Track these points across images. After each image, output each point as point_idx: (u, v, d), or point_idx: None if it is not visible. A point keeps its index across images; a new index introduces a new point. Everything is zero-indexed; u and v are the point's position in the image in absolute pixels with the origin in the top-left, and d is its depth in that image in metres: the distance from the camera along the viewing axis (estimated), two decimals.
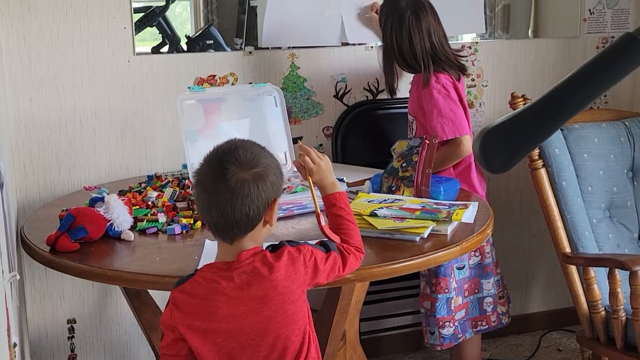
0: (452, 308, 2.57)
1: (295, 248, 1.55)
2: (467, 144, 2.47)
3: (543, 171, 2.61)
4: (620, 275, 2.36)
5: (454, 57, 2.57)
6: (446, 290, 2.55)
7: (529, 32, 3.37)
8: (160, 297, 2.46)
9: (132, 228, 1.99)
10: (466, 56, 2.77)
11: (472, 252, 2.57)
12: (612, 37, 3.17)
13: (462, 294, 2.59)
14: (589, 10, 3.14)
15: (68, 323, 2.60)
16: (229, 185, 1.46)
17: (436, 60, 2.52)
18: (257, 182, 1.48)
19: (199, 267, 1.59)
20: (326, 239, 1.65)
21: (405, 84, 2.95)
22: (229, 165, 1.48)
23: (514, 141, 0.98)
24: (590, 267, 2.49)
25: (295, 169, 2.38)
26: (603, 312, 2.49)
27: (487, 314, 2.64)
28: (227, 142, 1.55)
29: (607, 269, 2.40)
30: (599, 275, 2.51)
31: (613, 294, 2.37)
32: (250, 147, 1.53)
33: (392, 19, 2.54)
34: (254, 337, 1.51)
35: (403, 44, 2.52)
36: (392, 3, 2.57)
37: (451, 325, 2.57)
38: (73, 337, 2.58)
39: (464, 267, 2.58)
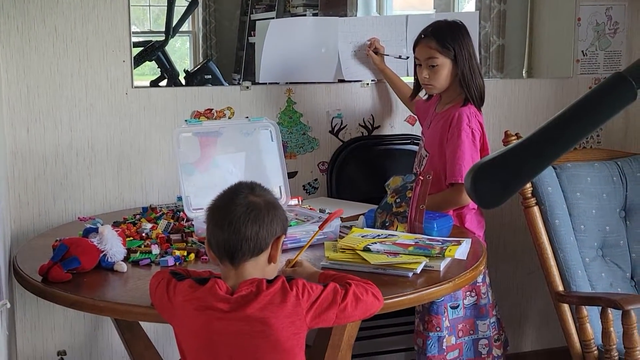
0: (444, 347, 2.53)
1: (290, 282, 1.57)
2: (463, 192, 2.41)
3: (536, 209, 2.63)
4: (613, 315, 2.36)
5: None
6: (438, 329, 2.52)
7: (523, 72, 3.42)
8: (153, 330, 2.45)
9: (125, 259, 1.98)
10: None
11: (468, 292, 2.55)
12: (605, 78, 3.20)
13: (455, 334, 2.57)
14: (582, 51, 3.19)
15: (58, 355, 2.58)
16: (242, 203, 1.57)
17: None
18: (268, 208, 1.58)
19: None
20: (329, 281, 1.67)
21: (400, 120, 2.98)
22: (243, 190, 1.60)
23: (505, 177, 1.00)
24: (583, 306, 2.49)
25: (290, 204, 2.42)
26: (596, 352, 2.48)
27: (482, 356, 2.60)
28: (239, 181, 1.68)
29: (600, 308, 2.40)
30: (591, 314, 2.51)
31: (606, 334, 2.37)
32: (260, 185, 1.66)
33: (464, 42, 2.46)
34: (229, 353, 1.53)
35: (474, 66, 2.49)
36: (456, 29, 2.48)
37: None
38: None
39: (458, 306, 2.56)
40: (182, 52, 4.03)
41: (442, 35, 2.47)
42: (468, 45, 2.47)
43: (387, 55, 2.85)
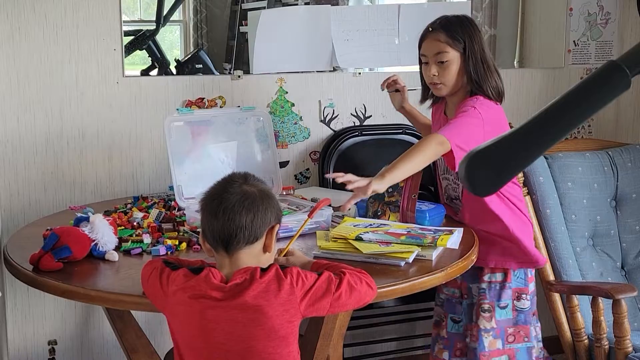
0: (534, 357, 2.34)
1: (284, 270, 1.57)
2: (444, 147, 2.07)
3: (528, 199, 2.63)
4: (604, 304, 2.37)
5: None
6: (526, 339, 2.32)
7: (515, 62, 3.42)
8: (144, 320, 2.44)
9: (117, 248, 1.98)
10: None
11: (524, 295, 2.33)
12: (596, 68, 3.20)
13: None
14: (574, 41, 3.19)
15: (49, 344, 2.57)
16: (237, 192, 1.57)
17: None
18: (262, 197, 1.59)
19: None
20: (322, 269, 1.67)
21: (391, 110, 2.98)
22: (237, 179, 1.61)
23: (498, 164, 0.99)
24: (574, 295, 2.50)
25: (282, 194, 2.41)
26: (586, 341, 2.50)
27: None
28: (232, 172, 1.68)
29: (591, 297, 2.41)
30: (582, 303, 2.52)
31: (596, 323, 2.38)
32: (254, 175, 1.66)
33: (475, 35, 2.23)
34: (223, 341, 1.53)
35: (488, 61, 2.25)
36: (466, 22, 2.25)
37: None
38: (54, 358, 2.55)
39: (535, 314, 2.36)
40: (172, 42, 4.01)
41: (452, 27, 2.22)
42: (480, 40, 2.23)
43: (414, 89, 2.51)
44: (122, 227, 2.12)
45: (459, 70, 2.22)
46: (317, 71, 2.88)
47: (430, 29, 2.26)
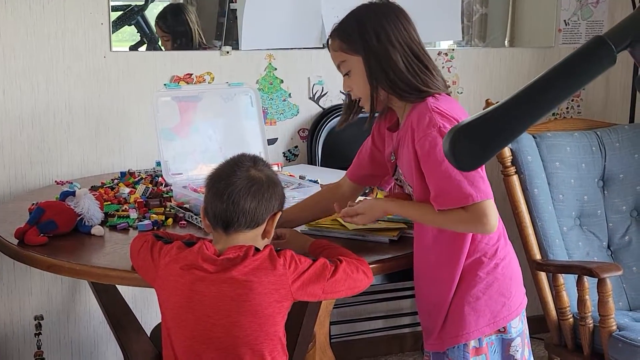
0: None
1: (279, 252, 1.57)
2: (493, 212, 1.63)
3: (515, 178, 2.63)
4: (589, 283, 2.38)
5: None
6: None
7: (505, 41, 3.41)
8: (130, 295, 2.44)
9: (103, 223, 1.97)
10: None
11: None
12: None
13: None
14: (564, 21, 3.18)
15: (35, 320, 2.57)
16: (244, 176, 1.57)
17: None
18: (269, 184, 1.59)
19: None
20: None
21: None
22: (246, 162, 1.60)
23: (482, 139, 0.99)
24: (560, 274, 2.51)
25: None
26: (571, 319, 2.51)
27: None
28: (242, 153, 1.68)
29: (576, 276, 2.42)
30: (568, 282, 2.53)
31: (581, 301, 2.39)
32: (262, 159, 1.67)
33: (380, 26, 1.71)
34: (210, 314, 1.53)
35: (398, 57, 1.72)
36: (369, 12, 1.73)
37: None
38: (40, 333, 2.55)
39: None
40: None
41: (343, 27, 1.75)
42: (387, 31, 1.69)
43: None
44: (109, 202, 2.12)
45: (365, 74, 1.73)
46: (307, 48, 2.86)
47: (328, 39, 1.81)
